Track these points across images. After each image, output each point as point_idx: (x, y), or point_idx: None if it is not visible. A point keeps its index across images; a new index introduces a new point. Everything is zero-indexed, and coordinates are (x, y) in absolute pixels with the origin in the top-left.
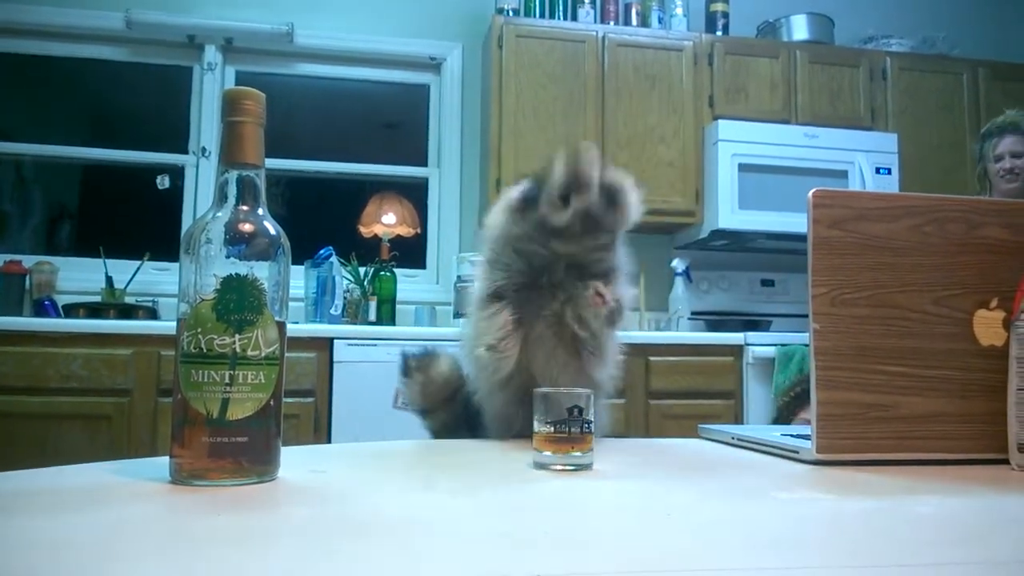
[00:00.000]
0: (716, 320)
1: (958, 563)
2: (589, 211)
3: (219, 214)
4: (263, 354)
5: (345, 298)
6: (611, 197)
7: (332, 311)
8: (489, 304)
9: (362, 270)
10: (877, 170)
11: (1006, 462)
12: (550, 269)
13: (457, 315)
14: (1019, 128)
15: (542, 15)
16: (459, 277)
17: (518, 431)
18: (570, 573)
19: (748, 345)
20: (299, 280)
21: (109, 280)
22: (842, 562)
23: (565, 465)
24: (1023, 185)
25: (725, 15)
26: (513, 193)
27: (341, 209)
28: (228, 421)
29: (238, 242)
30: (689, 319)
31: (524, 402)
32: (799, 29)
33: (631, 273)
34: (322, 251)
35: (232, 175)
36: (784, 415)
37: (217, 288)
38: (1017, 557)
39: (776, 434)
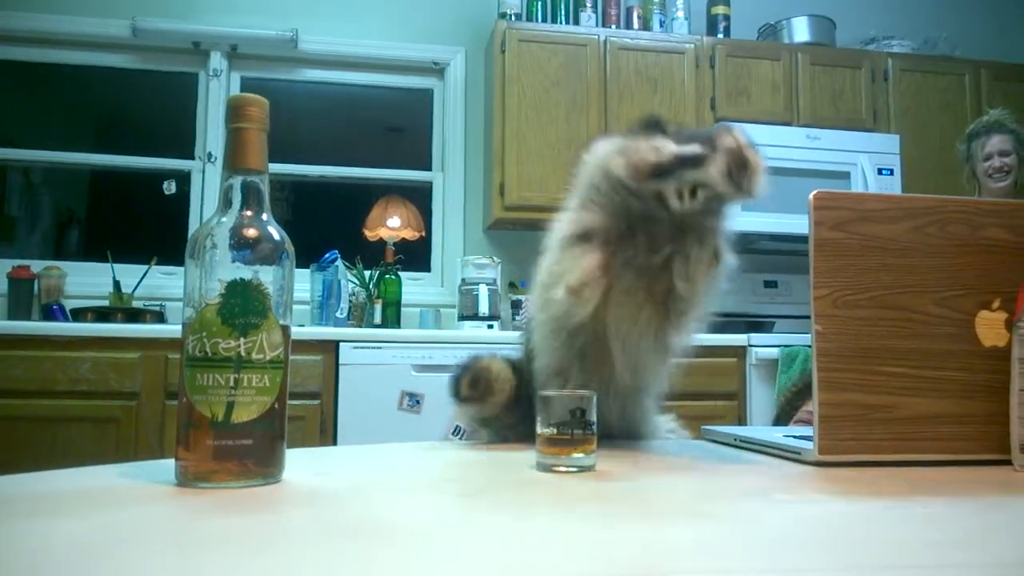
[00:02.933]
0: (719, 321)
1: (961, 565)
2: (716, 198)
3: (224, 219)
4: (268, 357)
5: (350, 301)
6: (740, 173)
7: (337, 314)
8: (575, 245)
9: (367, 273)
10: (879, 171)
11: (1009, 463)
12: (651, 220)
13: (462, 317)
14: (1005, 127)
15: (544, 19)
16: (463, 280)
17: (573, 386)
18: (571, 574)
19: (751, 346)
20: (305, 283)
21: (117, 284)
22: (844, 563)
23: (568, 467)
24: (1012, 183)
25: (726, 18)
26: (641, 148)
27: (346, 213)
28: (233, 424)
29: (243, 247)
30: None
31: (584, 357)
32: (800, 31)
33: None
34: (327, 255)
35: (236, 181)
36: (784, 415)
37: (222, 292)
38: (1021, 559)
39: (779, 435)
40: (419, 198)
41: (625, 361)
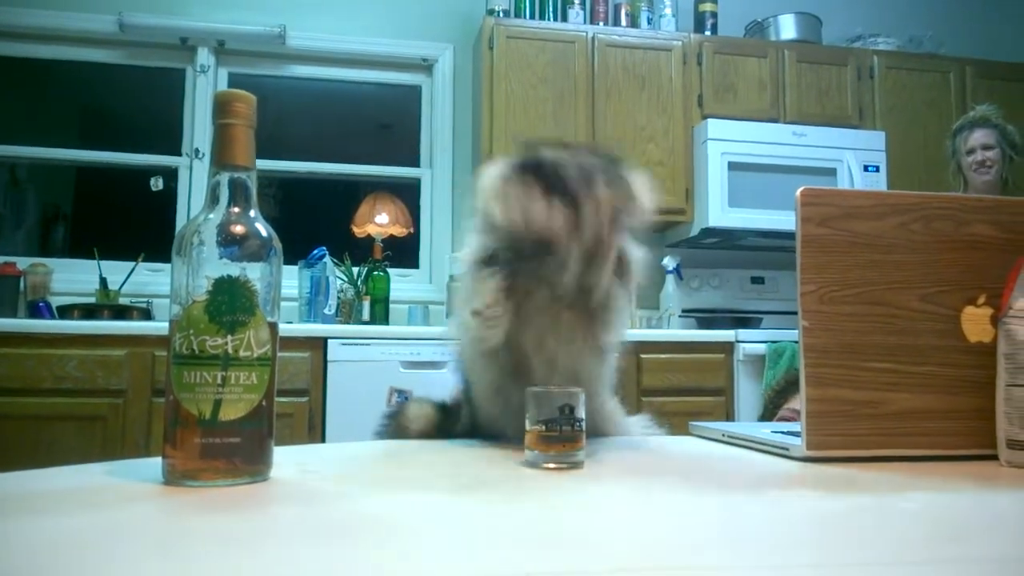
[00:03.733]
0: (707, 317)
1: (947, 560)
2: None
3: (211, 216)
4: (255, 355)
5: (339, 298)
6: (593, 267)
7: (326, 311)
8: (480, 269)
9: (355, 270)
10: (865, 168)
11: (995, 458)
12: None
13: (451, 314)
14: (989, 121)
15: (532, 16)
16: (452, 276)
17: (516, 408)
18: (561, 571)
19: (739, 342)
20: (293, 280)
21: (103, 281)
22: (832, 559)
23: (557, 464)
24: (996, 177)
25: (713, 15)
26: (514, 201)
27: (334, 209)
28: (220, 422)
29: (230, 244)
30: (680, 317)
31: (517, 376)
32: (787, 28)
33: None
34: (315, 251)
35: (223, 177)
36: (768, 413)
37: (209, 289)
38: (1006, 554)
39: (766, 431)
40: (407, 194)
41: (551, 375)
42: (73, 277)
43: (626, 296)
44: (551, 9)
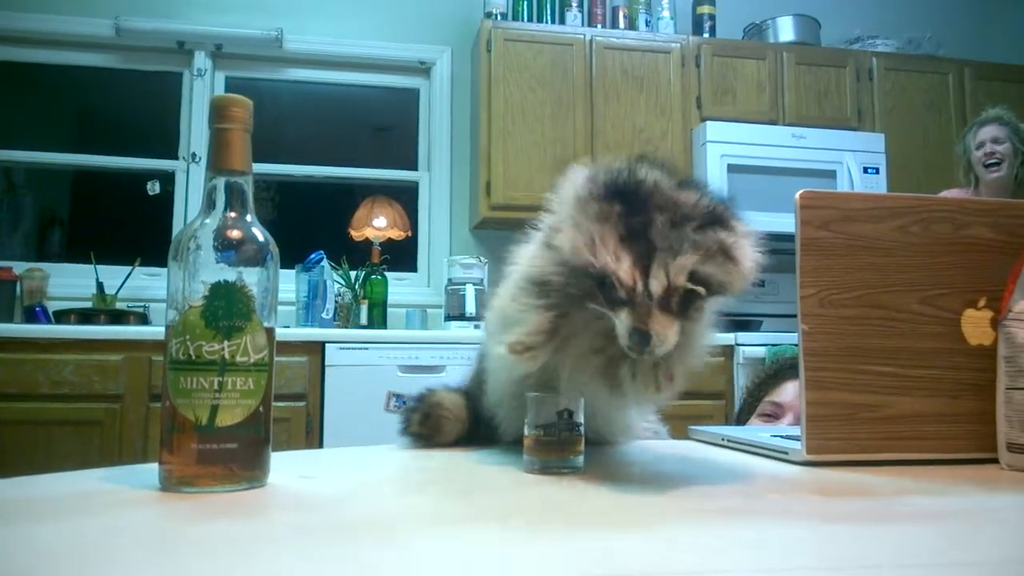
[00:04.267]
0: None
1: (948, 563)
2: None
3: (207, 221)
4: (252, 360)
5: (336, 302)
6: (706, 282)
7: (323, 315)
8: (530, 294)
9: (353, 274)
10: (865, 170)
11: (995, 461)
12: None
13: (448, 317)
14: (1001, 119)
15: (530, 19)
16: (450, 280)
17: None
18: None
19: (739, 345)
20: (290, 284)
21: (100, 286)
22: (832, 563)
23: (555, 468)
24: (1008, 173)
25: (712, 17)
26: (585, 233)
27: (332, 213)
28: (217, 428)
29: (226, 248)
30: None
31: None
32: (785, 30)
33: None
34: (313, 255)
35: (220, 182)
36: (747, 407)
37: (205, 295)
38: (1007, 557)
39: (766, 435)
40: (405, 198)
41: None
42: (70, 282)
43: (682, 370)
44: (549, 12)
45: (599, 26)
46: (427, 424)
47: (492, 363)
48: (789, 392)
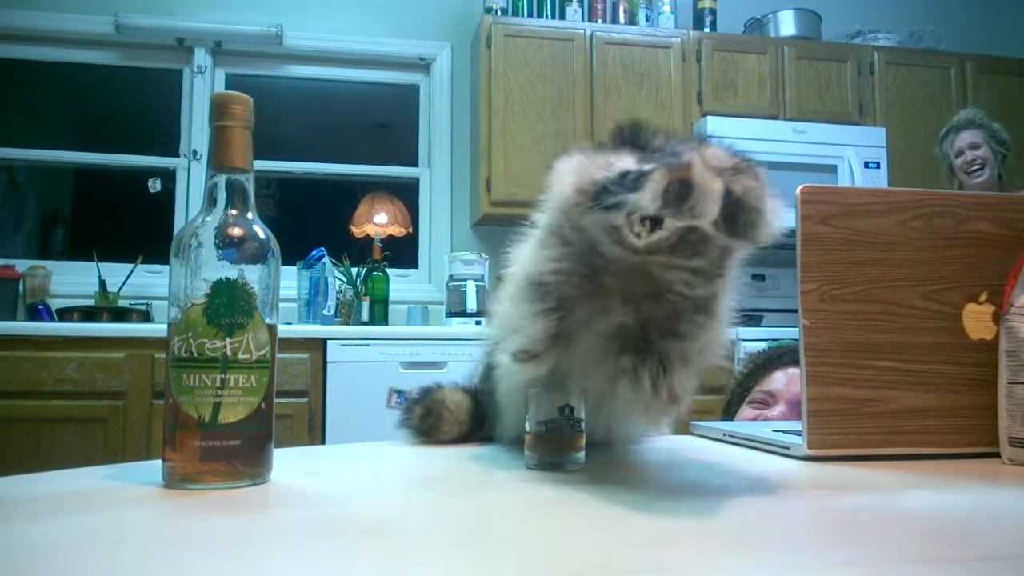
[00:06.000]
0: None
1: (950, 559)
2: (694, 230)
3: (208, 218)
4: (254, 357)
5: (338, 299)
6: (734, 217)
7: (325, 312)
8: (529, 296)
9: (354, 270)
10: (866, 164)
11: (997, 456)
12: (619, 270)
13: (450, 314)
14: (973, 123)
15: (530, 14)
16: (451, 276)
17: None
18: (563, 573)
19: (740, 340)
20: (292, 281)
21: (102, 283)
22: (833, 558)
23: (556, 465)
24: (990, 176)
25: (712, 12)
26: (594, 164)
27: (333, 210)
28: (220, 425)
29: (228, 246)
30: None
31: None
32: (786, 25)
33: (733, 313)
34: (314, 252)
35: (221, 179)
36: (736, 397)
37: (207, 292)
38: (1010, 552)
39: (767, 431)
40: (406, 194)
41: (595, 415)
42: (72, 279)
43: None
44: (549, 7)
45: (599, 21)
46: (427, 420)
47: (498, 371)
48: (780, 380)
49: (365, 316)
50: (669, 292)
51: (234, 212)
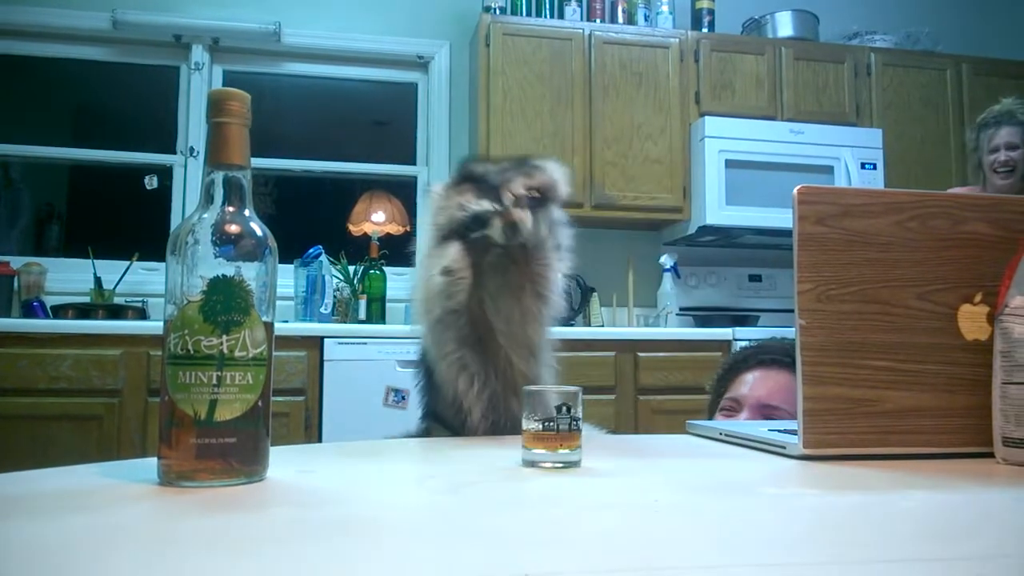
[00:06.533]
0: (704, 316)
1: (944, 558)
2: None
3: (205, 215)
4: (250, 355)
5: (335, 297)
6: (516, 234)
7: (322, 310)
8: (440, 244)
9: (352, 268)
10: (862, 165)
11: (991, 456)
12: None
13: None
14: (1015, 118)
15: (529, 13)
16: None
17: (480, 383)
18: (559, 571)
19: (736, 340)
20: (289, 279)
21: (98, 281)
22: (829, 557)
23: (554, 462)
24: (1018, 182)
25: (711, 12)
26: (452, 204)
27: (330, 208)
28: (216, 422)
29: (225, 243)
30: (677, 315)
31: (476, 345)
32: (784, 26)
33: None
34: (311, 250)
35: (218, 176)
36: (711, 403)
37: (204, 289)
38: (1003, 551)
39: (763, 430)
40: (404, 192)
41: (508, 341)
42: (67, 276)
43: (554, 248)
44: (548, 6)
45: (598, 20)
46: None
47: (428, 322)
48: (747, 384)
49: (362, 314)
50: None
51: (231, 209)
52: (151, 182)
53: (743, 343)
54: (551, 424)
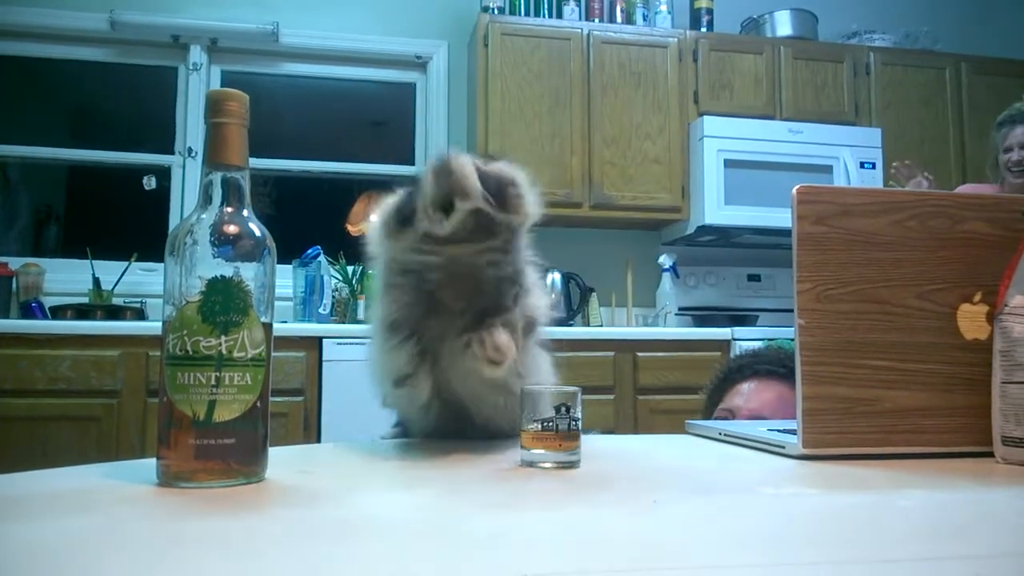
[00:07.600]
0: (703, 315)
1: (944, 557)
2: (478, 212)
3: (204, 216)
4: (249, 355)
5: (333, 297)
6: (501, 194)
7: (321, 310)
8: (390, 334)
9: (350, 269)
10: (861, 165)
11: (990, 455)
12: (445, 287)
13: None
14: None
15: (527, 13)
16: None
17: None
18: (558, 572)
19: (735, 340)
20: (287, 279)
21: (96, 281)
22: (828, 557)
23: (552, 463)
24: None
25: (709, 11)
26: (385, 207)
27: (328, 208)
28: (215, 423)
29: (223, 243)
30: (676, 315)
31: (460, 416)
32: (783, 25)
33: (541, 273)
34: (310, 250)
35: (216, 176)
36: (705, 411)
37: (202, 290)
38: (1002, 550)
39: (763, 430)
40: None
41: (491, 415)
42: (66, 277)
43: (534, 351)
44: (546, 6)
45: (596, 20)
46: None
47: (396, 409)
48: (742, 394)
49: (361, 315)
50: (484, 279)
51: (230, 209)
52: (149, 183)
53: (742, 343)
54: (550, 424)
